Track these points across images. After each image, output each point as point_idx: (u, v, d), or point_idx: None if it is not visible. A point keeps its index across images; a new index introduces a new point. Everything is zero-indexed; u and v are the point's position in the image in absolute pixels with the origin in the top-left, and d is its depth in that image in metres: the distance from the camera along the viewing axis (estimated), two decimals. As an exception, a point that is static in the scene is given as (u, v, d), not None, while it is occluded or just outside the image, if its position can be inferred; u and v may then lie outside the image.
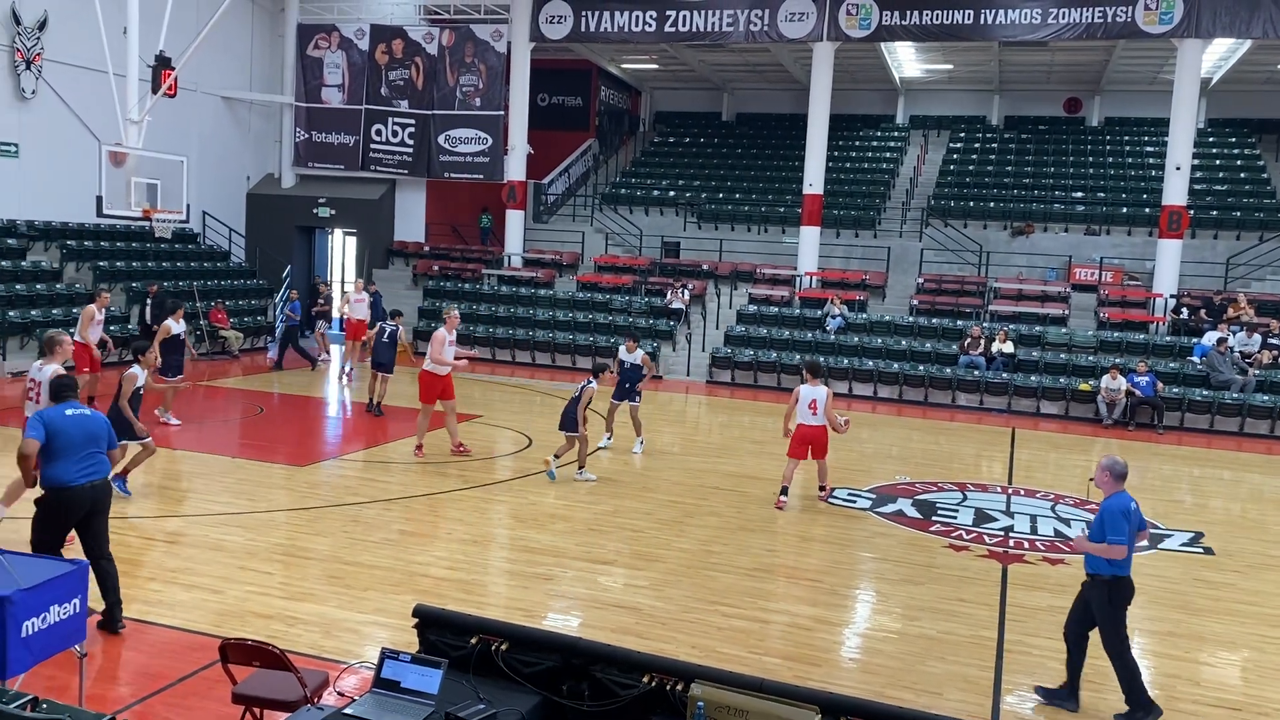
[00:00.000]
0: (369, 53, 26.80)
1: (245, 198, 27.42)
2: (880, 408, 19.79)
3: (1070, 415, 19.41)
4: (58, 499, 6.69)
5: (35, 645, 5.01)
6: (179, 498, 10.77)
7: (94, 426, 6.87)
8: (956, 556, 10.04)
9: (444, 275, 26.18)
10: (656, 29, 24.74)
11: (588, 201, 29.49)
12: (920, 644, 7.67)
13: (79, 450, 6.69)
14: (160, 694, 6.17)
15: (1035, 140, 30.45)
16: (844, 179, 29.15)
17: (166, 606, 7.56)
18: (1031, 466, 15.09)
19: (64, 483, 6.64)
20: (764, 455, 14.57)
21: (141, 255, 23.01)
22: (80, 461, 6.71)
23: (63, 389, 6.96)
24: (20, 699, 4.08)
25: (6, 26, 20.16)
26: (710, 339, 22.66)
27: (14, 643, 4.86)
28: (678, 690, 4.67)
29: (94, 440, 6.83)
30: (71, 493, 6.66)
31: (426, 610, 5.37)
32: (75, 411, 6.81)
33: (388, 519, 10.29)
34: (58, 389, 6.99)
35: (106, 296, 15.48)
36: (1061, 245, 25.20)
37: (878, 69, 29.32)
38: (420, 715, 4.48)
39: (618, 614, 7.95)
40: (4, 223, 20.63)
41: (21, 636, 4.90)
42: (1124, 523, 6.48)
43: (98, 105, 19.48)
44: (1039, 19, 22.25)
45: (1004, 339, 20.58)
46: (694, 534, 10.30)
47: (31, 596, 5.01)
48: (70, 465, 6.65)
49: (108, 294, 15.77)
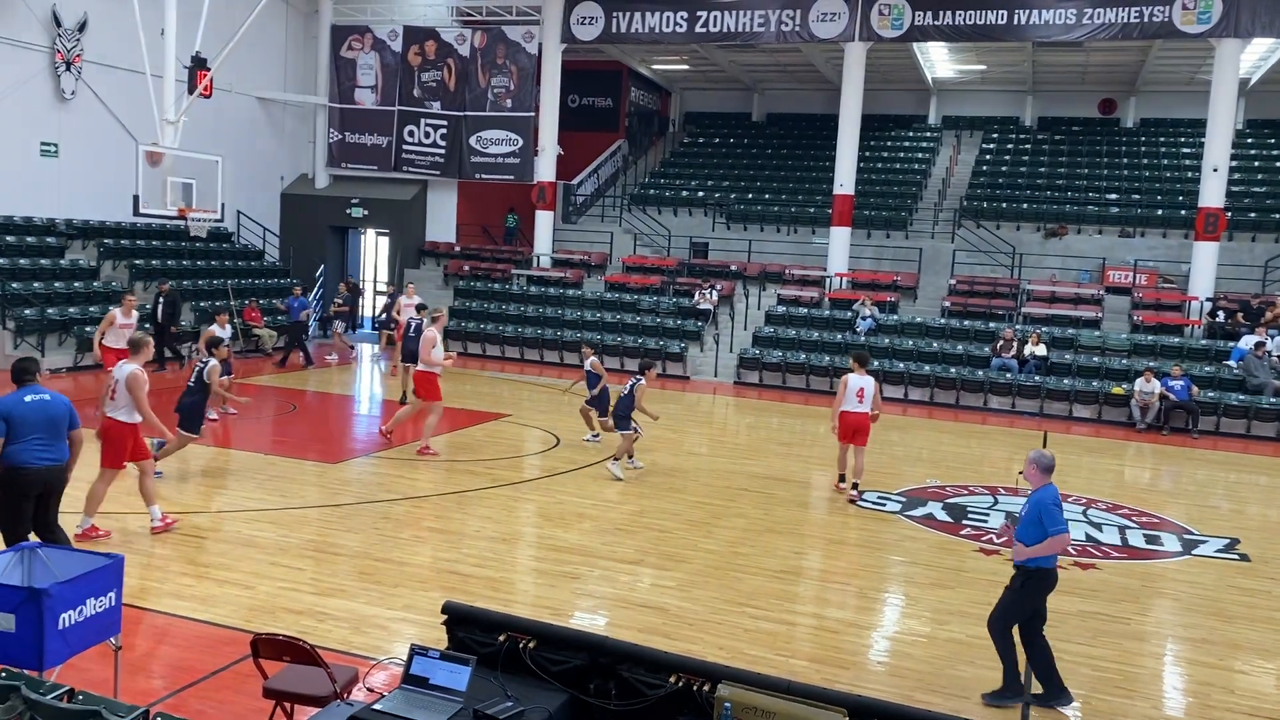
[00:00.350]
0: (402, 54, 26.98)
1: (279, 197, 27.70)
2: (911, 410, 19.67)
3: (1103, 419, 19.20)
4: (14, 479, 6.91)
5: (72, 637, 5.09)
6: (212, 493, 10.90)
7: (53, 411, 7.08)
8: (987, 560, 9.97)
9: (474, 275, 26.31)
10: (687, 30, 24.74)
11: (616, 202, 29.53)
12: (950, 648, 7.63)
13: (37, 433, 6.94)
14: (193, 687, 6.24)
15: (1069, 141, 30.16)
16: (875, 180, 29.01)
17: (199, 601, 7.65)
18: (1063, 470, 14.78)
19: (21, 464, 6.88)
20: (791, 457, 14.53)
21: (177, 254, 23.29)
22: (38, 444, 6.97)
23: (22, 373, 7.17)
24: (57, 690, 4.15)
25: (47, 28, 20.48)
26: (738, 340, 22.62)
27: (51, 635, 4.94)
28: (705, 691, 4.67)
29: (53, 424, 7.05)
30: (28, 473, 6.93)
31: (455, 607, 5.40)
32: (35, 397, 7.03)
33: (417, 516, 10.36)
34: (17, 373, 7.20)
35: (133, 299, 15.38)
36: (1095, 247, 24.94)
37: (910, 69, 29.15)
38: (449, 712, 4.51)
39: (645, 614, 7.96)
40: (43, 221, 20.97)
41: (59, 629, 4.98)
42: (1059, 511, 6.56)
43: (135, 106, 19.76)
44: (1074, 19, 22.03)
45: (1036, 341, 20.40)
46: (721, 535, 10.29)
47: (68, 589, 5.08)
48: (28, 448, 6.91)
49: (134, 298, 15.65)
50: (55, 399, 7.16)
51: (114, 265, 21.55)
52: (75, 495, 8.45)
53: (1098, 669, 7.38)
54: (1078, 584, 9.34)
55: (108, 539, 8.97)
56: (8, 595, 4.96)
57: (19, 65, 20.03)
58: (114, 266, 21.54)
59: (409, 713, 4.49)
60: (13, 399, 7.04)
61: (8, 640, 4.90)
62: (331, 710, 4.65)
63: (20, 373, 7.19)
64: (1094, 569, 9.84)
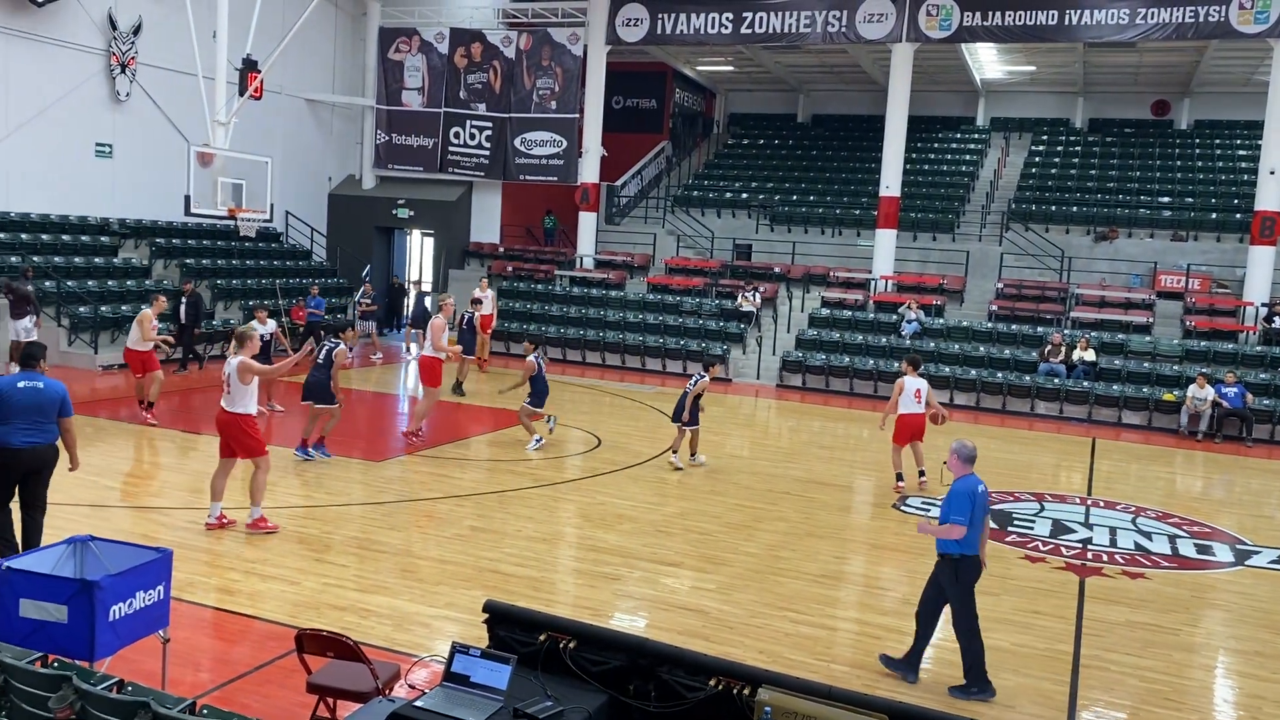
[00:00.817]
0: (448, 56, 27.18)
1: (327, 198, 28.03)
2: (956, 415, 19.42)
3: (1153, 426, 18.87)
4: None
5: (122, 629, 5.19)
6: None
7: (43, 398, 7.44)
8: (1032, 568, 9.83)
9: (517, 276, 26.44)
10: (733, 31, 24.67)
11: (660, 203, 29.52)
12: (993, 656, 7.52)
13: (24, 417, 7.33)
14: (238, 681, 6.33)
15: (1120, 143, 29.67)
16: (922, 181, 28.75)
17: (245, 596, 7.75)
18: (1112, 478, 14.71)
19: (5, 443, 7.28)
20: (834, 461, 14.44)
21: (226, 253, 23.65)
22: (23, 427, 7.35)
23: (27, 359, 7.60)
24: (107, 681, 4.22)
25: (103, 32, 20.90)
26: (781, 342, 22.50)
27: (102, 626, 5.03)
28: (744, 695, 4.66)
29: (40, 410, 7.42)
30: (12, 453, 7.34)
31: (497, 606, 5.43)
32: (28, 383, 7.42)
33: (459, 515, 10.43)
34: (24, 358, 7.64)
35: (163, 300, 15.27)
36: (1147, 251, 24.51)
37: (958, 70, 28.84)
38: (489, 710, 4.53)
39: (684, 616, 7.95)
40: (97, 221, 21.39)
41: (109, 621, 5.08)
42: (967, 503, 6.71)
43: (187, 107, 20.10)
44: (1127, 19, 21.68)
45: (1085, 346, 20.09)
46: (762, 539, 10.24)
47: (119, 582, 5.18)
48: (13, 429, 7.31)
49: (164, 299, 15.57)
50: (48, 387, 7.52)
51: (165, 264, 21.93)
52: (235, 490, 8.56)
53: (1146, 680, 7.26)
54: (1126, 593, 9.18)
55: (276, 531, 9.33)
56: (61, 587, 5.06)
57: (76, 68, 20.47)
58: (165, 265, 21.92)
59: (450, 710, 4.51)
60: (7, 382, 7.47)
61: (60, 631, 5.00)
62: (373, 706, 4.68)
63: (26, 358, 7.63)
64: (1143, 578, 9.67)
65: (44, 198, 20.39)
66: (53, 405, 7.48)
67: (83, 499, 10.11)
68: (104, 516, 9.54)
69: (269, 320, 15.01)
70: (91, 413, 14.33)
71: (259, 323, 14.90)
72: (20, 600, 5.05)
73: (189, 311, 18.51)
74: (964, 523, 6.68)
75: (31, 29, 19.51)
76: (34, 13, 19.38)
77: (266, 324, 14.97)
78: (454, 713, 4.50)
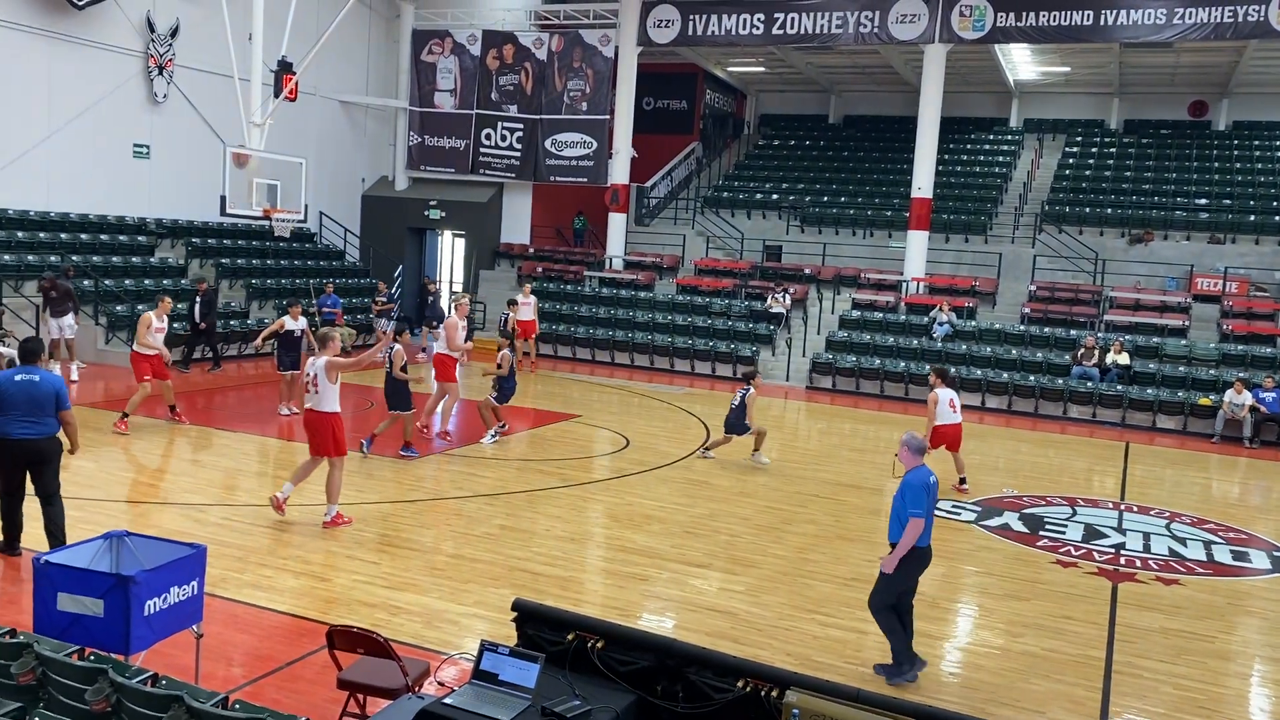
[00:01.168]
0: (480, 58, 27.31)
1: (360, 199, 28.25)
2: (988, 418, 19.31)
3: (1188, 431, 18.63)
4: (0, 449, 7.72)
5: (156, 624, 5.26)
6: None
7: (39, 392, 7.75)
8: (1064, 573, 9.74)
9: (547, 277, 26.51)
10: (764, 32, 24.62)
11: (689, 204, 29.51)
12: (1024, 661, 7.47)
13: (21, 410, 7.68)
14: (270, 676, 6.40)
15: (1156, 145, 29.32)
16: (954, 183, 28.55)
17: (277, 592, 7.83)
18: (1146, 483, 14.54)
19: (4, 434, 7.65)
20: (864, 464, 14.37)
21: (261, 253, 23.89)
22: (20, 419, 7.69)
23: (26, 354, 7.93)
24: (142, 674, 4.28)
25: (142, 34, 21.19)
26: (811, 344, 22.43)
27: (137, 621, 5.10)
28: (772, 697, 4.65)
29: (36, 404, 7.75)
30: (10, 444, 7.69)
31: (525, 605, 5.45)
32: (24, 377, 7.74)
33: (489, 514, 10.48)
34: (24, 354, 7.94)
35: (169, 302, 14.40)
36: (1183, 254, 24.20)
37: (991, 71, 28.62)
38: (517, 708, 4.55)
39: (712, 617, 7.94)
40: (135, 220, 21.68)
41: (144, 615, 5.15)
42: (923, 495, 6.75)
43: (223, 108, 20.31)
44: (1163, 19, 21.42)
45: (1119, 350, 19.88)
46: (791, 541, 10.22)
47: (154, 577, 5.25)
48: (10, 421, 7.67)
49: (169, 300, 14.55)
50: (44, 380, 7.84)
51: (201, 264, 22.19)
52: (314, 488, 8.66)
53: (1180, 688, 7.17)
54: (1160, 600, 9.07)
55: (349, 525, 9.57)
56: (97, 581, 5.14)
57: (115, 70, 20.76)
58: (201, 265, 22.18)
59: (479, 708, 4.54)
60: (4, 376, 7.76)
61: (96, 625, 5.08)
62: (403, 703, 4.72)
63: (26, 354, 7.95)
64: (1177, 585, 9.55)
65: (83, 198, 20.70)
66: (48, 399, 7.78)
67: (118, 495, 10.26)
68: (139, 512, 9.67)
69: (300, 317, 15.06)
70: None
71: (291, 319, 14.97)
72: (58, 594, 5.13)
73: (203, 311, 18.34)
74: (921, 515, 6.72)
75: (72, 32, 19.81)
76: (75, 16, 19.68)
77: (298, 320, 15.01)
78: (483, 710, 4.52)
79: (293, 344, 14.99)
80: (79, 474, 11.09)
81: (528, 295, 20.89)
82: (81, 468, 11.31)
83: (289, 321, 14.94)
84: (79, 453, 8.34)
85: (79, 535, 7.77)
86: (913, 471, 6.91)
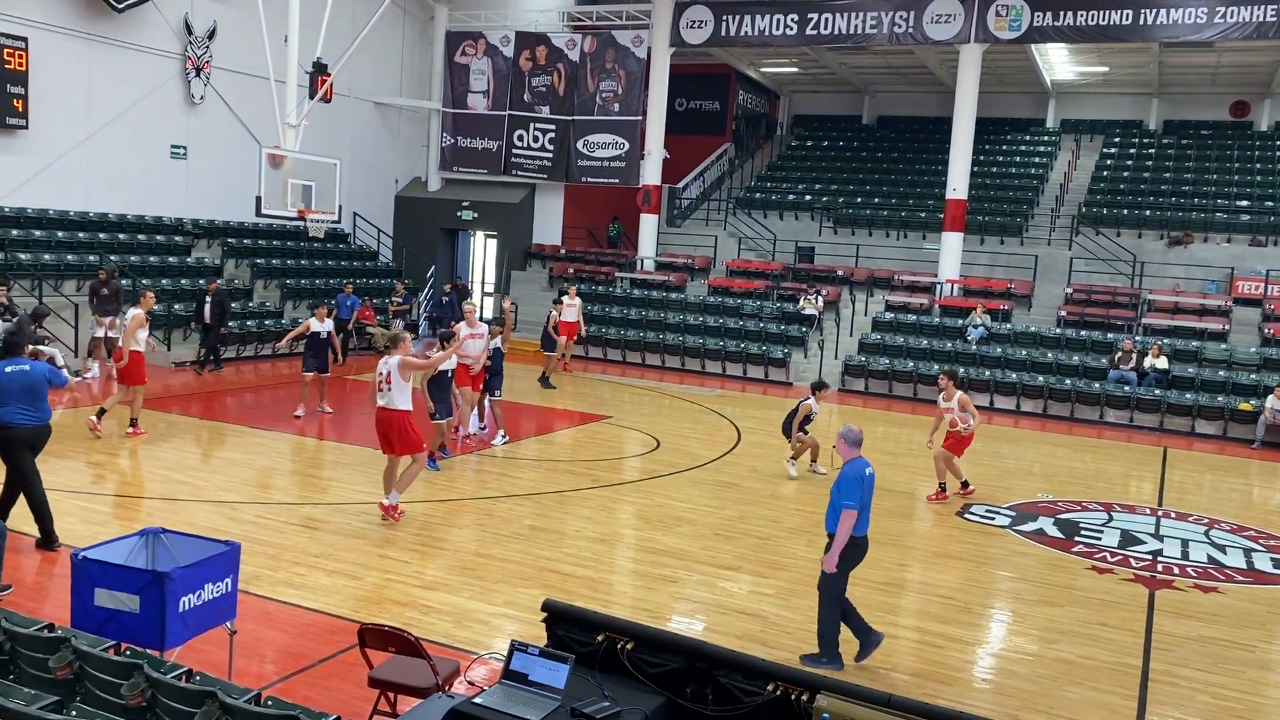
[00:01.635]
0: (513, 59, 27.41)
1: (393, 200, 28.44)
2: (1023, 422, 19.11)
3: (1228, 436, 18.34)
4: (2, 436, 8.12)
5: (191, 620, 5.31)
6: (323, 486, 11.23)
7: (31, 379, 8.19)
8: (1100, 579, 9.61)
9: (578, 278, 26.55)
10: (798, 32, 24.52)
11: (721, 205, 29.45)
12: (1058, 668, 7.38)
13: (18, 398, 8.10)
14: (302, 673, 6.44)
15: (1197, 145, 28.89)
16: (989, 184, 28.30)
17: (309, 590, 7.88)
18: (1184, 488, 14.33)
19: (6, 423, 8.08)
20: (897, 467, 14.27)
21: (295, 254, 24.10)
22: (21, 408, 8.11)
23: (8, 348, 8.32)
24: (177, 670, 4.32)
25: (179, 36, 21.45)
26: (843, 346, 22.30)
27: (172, 617, 5.16)
28: (803, 701, 4.62)
29: (31, 390, 8.18)
30: (11, 430, 8.10)
31: (555, 606, 5.45)
32: (14, 368, 8.12)
33: (519, 514, 10.50)
34: (6, 347, 8.33)
35: (151, 297, 13.44)
36: (1223, 256, 23.84)
37: (1027, 71, 28.34)
38: (547, 709, 4.55)
39: (742, 620, 7.91)
40: (172, 221, 21.94)
41: (179, 611, 5.20)
42: (857, 486, 6.89)
43: (259, 110, 20.52)
44: (1204, 18, 21.10)
45: (1157, 354, 19.61)
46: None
47: (189, 574, 5.31)
48: (9, 411, 8.07)
49: (152, 295, 13.60)
50: (34, 368, 8.27)
51: (236, 264, 22.42)
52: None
53: (1218, 697, 7.05)
54: (1197, 607, 8.93)
55: (396, 521, 9.74)
56: (133, 578, 5.20)
57: (153, 72, 21.02)
58: (236, 265, 22.41)
59: (508, 708, 4.54)
60: None
61: (132, 620, 5.14)
62: (433, 702, 4.73)
63: (10, 347, 8.32)
64: (1216, 593, 9.40)
65: (121, 198, 20.97)
66: (40, 384, 8.22)
67: (154, 492, 10.38)
68: (174, 510, 9.78)
69: (326, 319, 15.03)
70: (164, 408, 14.71)
71: (318, 320, 14.96)
72: (95, 589, 5.20)
73: (214, 311, 18.17)
74: (854, 506, 6.88)
75: (111, 34, 20.09)
76: (114, 18, 19.96)
77: (325, 322, 14.94)
78: (513, 710, 4.53)
79: (319, 346, 14.90)
80: (114, 471, 11.25)
81: (573, 297, 20.74)
82: (117, 465, 11.47)
83: (315, 323, 14.90)
84: (120, 453, 8.54)
85: (115, 532, 7.88)
86: (849, 463, 7.06)
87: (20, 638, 4.60)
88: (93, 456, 11.64)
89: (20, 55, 18.33)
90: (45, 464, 8.73)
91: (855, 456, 7.11)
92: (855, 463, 7.05)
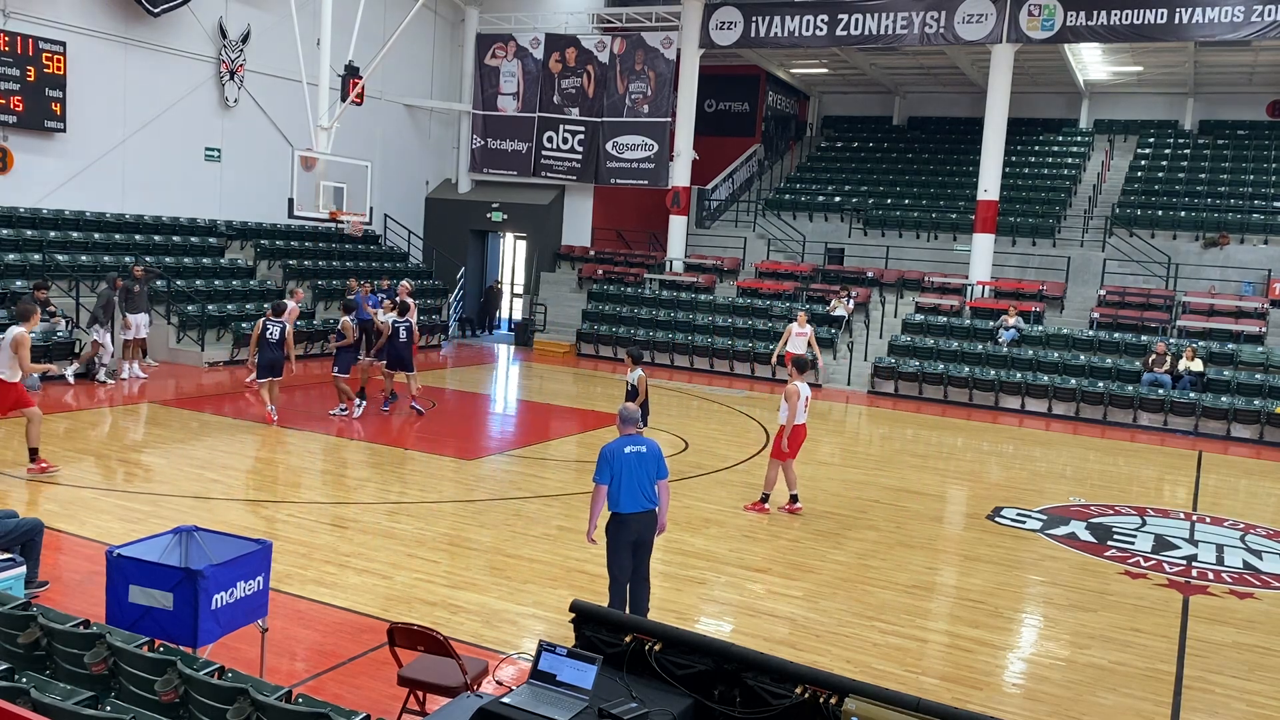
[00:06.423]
0: (543, 61, 27.50)
1: (424, 201, 28.61)
2: (1054, 425, 18.93)
3: (1265, 440, 18.08)
4: None
5: (223, 618, 5.37)
6: (354, 485, 11.32)
7: None
8: (1133, 584, 9.51)
9: (607, 279, 26.60)
10: (827, 33, 24.42)
11: (751, 207, 29.38)
12: (1090, 674, 7.30)
13: None
14: (332, 671, 6.49)
15: (1233, 146, 28.50)
16: (1021, 185, 28.06)
17: (340, 589, 7.94)
18: (1219, 493, 14.13)
19: None
20: (926, 470, 14.18)
21: (327, 255, 24.30)
22: None
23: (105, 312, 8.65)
24: (209, 667, 4.37)
25: (214, 40, 21.70)
26: (873, 348, 22.19)
27: (205, 614, 5.21)
28: (831, 704, 4.60)
29: None
30: None
31: (583, 606, 5.45)
32: None
33: (548, 514, 10.52)
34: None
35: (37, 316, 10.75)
36: (1260, 258, 23.50)
37: (1060, 71, 28.07)
38: (574, 709, 4.56)
39: (770, 623, 7.89)
40: (206, 222, 22.19)
41: (212, 609, 5.25)
42: (605, 465, 7.17)
43: (292, 113, 20.74)
44: (1241, 17, 20.82)
45: (1192, 356, 19.36)
46: (851, 547, 10.11)
47: (222, 572, 5.36)
48: None
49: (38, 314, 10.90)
50: None
51: (269, 265, 22.64)
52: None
53: (1254, 704, 6.96)
54: (1233, 614, 8.81)
55: None
56: (167, 575, 5.26)
57: (188, 75, 21.28)
58: (269, 266, 22.62)
59: (536, 708, 4.55)
60: None
61: (166, 617, 5.20)
62: (461, 701, 4.75)
63: None
64: (1252, 599, 9.26)
65: (156, 200, 21.24)
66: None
67: (187, 490, 10.49)
68: (208, 508, 9.88)
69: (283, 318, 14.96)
70: (197, 408, 14.87)
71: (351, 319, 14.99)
72: (130, 587, 5.26)
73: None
74: (602, 482, 7.17)
75: (147, 38, 20.35)
76: (150, 22, 20.22)
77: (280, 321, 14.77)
78: (540, 710, 4.54)
79: (350, 346, 15.01)
80: (149, 470, 11.38)
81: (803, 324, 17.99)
82: (151, 464, 11.61)
83: (351, 323, 14.97)
84: (152, 452, 8.66)
85: (150, 529, 7.98)
86: (614, 440, 7.28)
87: (57, 633, 4.67)
88: (127, 455, 11.79)
89: (59, 59, 18.62)
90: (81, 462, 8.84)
91: (626, 434, 7.33)
92: (616, 440, 7.28)
